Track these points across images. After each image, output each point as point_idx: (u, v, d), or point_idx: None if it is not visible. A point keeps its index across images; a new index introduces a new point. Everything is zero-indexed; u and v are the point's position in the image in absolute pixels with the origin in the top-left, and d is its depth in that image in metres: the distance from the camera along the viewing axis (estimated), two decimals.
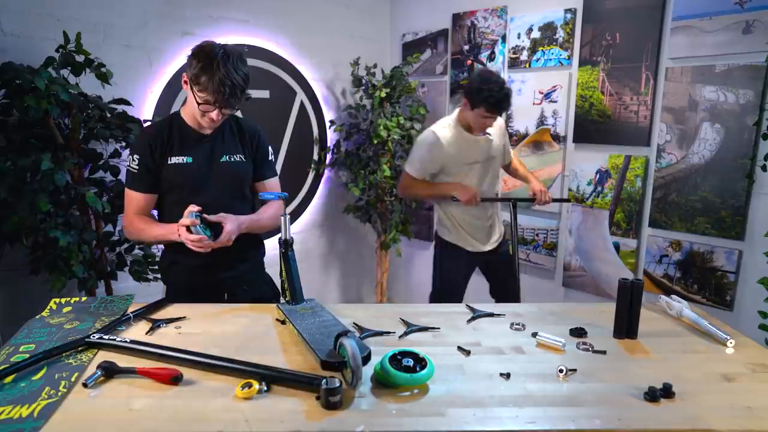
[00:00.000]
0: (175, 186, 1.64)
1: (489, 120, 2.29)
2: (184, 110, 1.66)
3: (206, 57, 1.47)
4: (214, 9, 2.73)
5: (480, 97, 2.18)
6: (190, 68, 1.50)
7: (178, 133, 1.63)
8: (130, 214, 1.66)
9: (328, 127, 3.42)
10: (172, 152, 1.62)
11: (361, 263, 3.89)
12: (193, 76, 1.48)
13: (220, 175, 1.66)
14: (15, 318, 1.55)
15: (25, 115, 1.90)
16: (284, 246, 1.48)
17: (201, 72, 1.46)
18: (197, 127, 1.64)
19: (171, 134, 1.63)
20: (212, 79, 1.46)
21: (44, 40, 2.18)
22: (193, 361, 1.13)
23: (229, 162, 1.67)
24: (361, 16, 3.49)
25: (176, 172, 1.62)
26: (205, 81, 1.46)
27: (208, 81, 1.46)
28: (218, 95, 1.48)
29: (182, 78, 1.56)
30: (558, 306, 1.56)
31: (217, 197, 1.63)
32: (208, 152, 1.65)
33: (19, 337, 1.28)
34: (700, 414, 0.98)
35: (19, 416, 0.95)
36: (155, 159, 1.61)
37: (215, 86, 1.46)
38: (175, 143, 1.63)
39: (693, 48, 2.33)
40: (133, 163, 1.61)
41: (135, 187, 1.64)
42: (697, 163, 2.38)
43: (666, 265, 2.54)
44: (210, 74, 1.46)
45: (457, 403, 1.01)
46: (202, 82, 1.47)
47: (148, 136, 1.63)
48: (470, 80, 2.29)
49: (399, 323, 1.40)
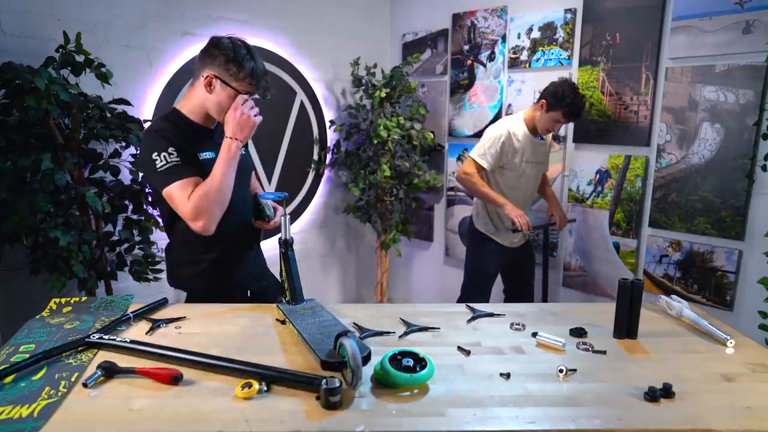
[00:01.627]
0: None
1: (558, 125, 2.46)
2: (185, 106, 1.58)
3: (239, 47, 1.49)
4: (214, 9, 2.73)
5: (562, 102, 2.34)
6: (222, 67, 1.48)
7: (191, 131, 1.57)
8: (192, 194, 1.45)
9: (328, 127, 3.42)
10: (197, 147, 1.55)
11: (361, 263, 3.89)
12: (234, 68, 1.47)
13: (238, 169, 1.65)
14: (15, 318, 1.55)
15: (25, 115, 1.90)
16: (284, 246, 1.48)
17: (243, 61, 1.48)
18: (202, 122, 1.59)
19: (183, 131, 1.55)
20: (257, 73, 1.50)
21: (44, 40, 2.18)
22: (193, 361, 1.13)
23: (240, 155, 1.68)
24: (361, 16, 3.49)
25: (207, 170, 1.52)
26: (248, 69, 1.48)
27: (253, 69, 1.49)
28: (261, 81, 1.52)
29: (203, 78, 1.49)
30: (558, 306, 1.56)
31: (239, 191, 1.63)
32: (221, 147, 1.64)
33: (19, 337, 1.28)
34: (700, 414, 0.98)
35: (19, 416, 0.95)
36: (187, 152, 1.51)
37: (259, 73, 1.51)
38: (194, 140, 1.56)
39: (693, 48, 2.33)
40: (171, 156, 1.45)
41: (186, 173, 1.46)
42: (697, 163, 2.38)
43: (666, 265, 2.54)
44: (254, 69, 1.49)
45: (457, 403, 1.01)
46: (246, 71, 1.48)
47: (171, 131, 1.51)
48: (555, 85, 2.40)
49: (399, 323, 1.40)
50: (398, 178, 3.33)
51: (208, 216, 1.46)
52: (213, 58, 1.49)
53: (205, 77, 1.50)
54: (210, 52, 1.50)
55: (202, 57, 1.52)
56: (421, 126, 3.25)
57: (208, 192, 1.45)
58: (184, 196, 1.45)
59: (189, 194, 1.45)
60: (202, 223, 1.46)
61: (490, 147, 2.48)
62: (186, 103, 1.59)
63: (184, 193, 1.45)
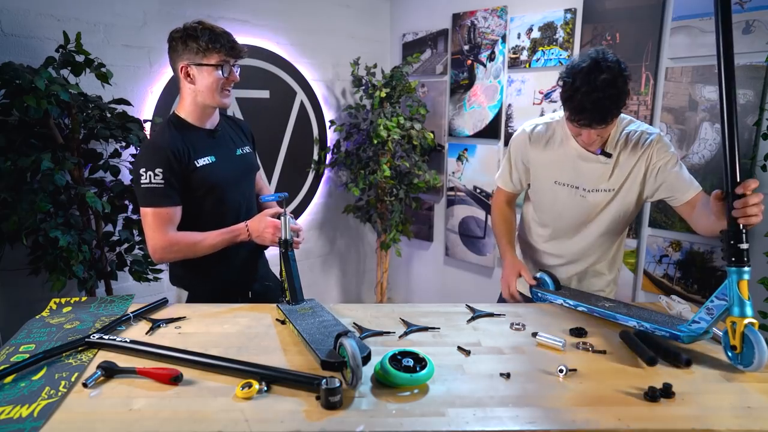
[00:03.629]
0: (207, 189, 1.58)
1: (579, 131, 1.53)
2: (183, 110, 1.60)
3: (190, 27, 1.52)
4: (214, 9, 2.73)
5: (564, 95, 1.49)
6: (188, 52, 1.51)
7: (191, 135, 1.58)
8: (165, 234, 1.50)
9: (328, 127, 3.42)
10: (196, 154, 1.55)
11: (361, 263, 3.89)
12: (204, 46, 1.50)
13: (240, 170, 1.68)
14: (15, 318, 1.55)
15: (25, 115, 1.90)
16: (284, 246, 1.48)
17: (208, 40, 1.49)
18: (201, 123, 1.61)
19: (185, 136, 1.56)
20: (219, 36, 1.51)
21: (44, 40, 2.18)
22: (193, 361, 1.13)
23: (244, 154, 1.71)
24: (361, 17, 3.49)
25: (205, 175, 1.56)
26: (212, 40, 1.50)
27: (215, 38, 1.50)
28: (230, 43, 1.53)
29: (181, 71, 1.54)
30: (558, 306, 1.56)
31: (245, 192, 1.66)
32: (225, 149, 1.65)
33: (19, 337, 1.28)
34: (700, 414, 0.98)
35: (19, 416, 0.95)
36: (182, 166, 1.52)
37: (224, 39, 1.51)
38: (195, 145, 1.56)
39: (693, 48, 2.33)
40: (156, 177, 1.47)
41: (164, 202, 1.49)
42: (697, 163, 2.38)
43: (666, 265, 2.54)
44: (215, 34, 1.51)
45: (457, 403, 1.01)
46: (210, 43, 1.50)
47: (164, 144, 1.51)
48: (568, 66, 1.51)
49: (399, 323, 1.40)
50: (398, 178, 3.33)
51: (167, 260, 1.58)
52: (176, 51, 1.54)
53: (181, 71, 1.54)
54: (172, 47, 1.55)
55: (170, 56, 1.56)
56: (421, 126, 3.25)
57: (186, 249, 1.53)
58: (157, 226, 1.50)
59: (162, 227, 1.50)
60: (158, 260, 1.56)
61: (504, 158, 1.84)
62: (182, 107, 1.61)
63: (157, 223, 1.50)
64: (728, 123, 1.18)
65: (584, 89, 1.41)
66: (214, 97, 1.55)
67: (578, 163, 1.64)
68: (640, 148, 1.58)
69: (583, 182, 1.65)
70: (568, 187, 1.67)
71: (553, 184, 1.69)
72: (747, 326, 1.12)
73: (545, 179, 1.71)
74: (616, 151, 1.60)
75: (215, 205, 1.61)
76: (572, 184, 1.66)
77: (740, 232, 1.18)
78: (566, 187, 1.67)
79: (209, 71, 1.52)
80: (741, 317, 1.13)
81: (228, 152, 1.66)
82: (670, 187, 1.57)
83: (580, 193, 1.66)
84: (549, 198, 1.72)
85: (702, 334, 1.23)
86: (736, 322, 1.14)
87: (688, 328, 1.25)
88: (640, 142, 1.59)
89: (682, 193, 1.55)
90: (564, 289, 1.62)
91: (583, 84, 1.41)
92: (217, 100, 1.56)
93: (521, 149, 1.74)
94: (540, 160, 1.71)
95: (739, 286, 1.15)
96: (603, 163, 1.61)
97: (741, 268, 1.16)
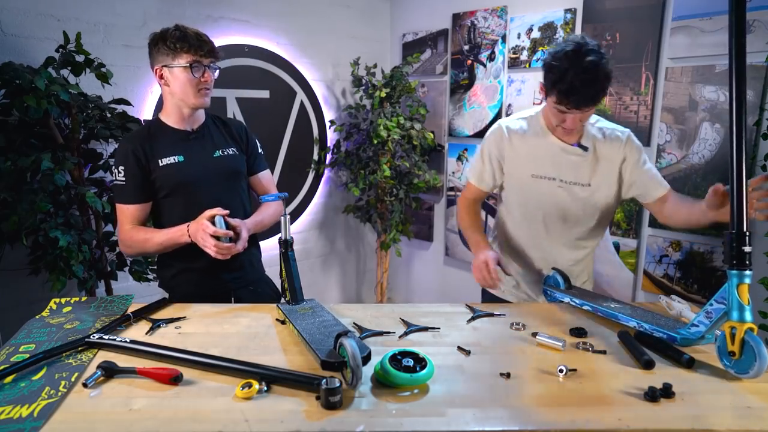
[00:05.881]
0: (172, 188, 1.61)
1: (564, 117, 1.53)
2: (164, 113, 1.64)
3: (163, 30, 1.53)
4: (214, 9, 2.73)
5: (549, 76, 1.49)
6: (160, 54, 1.53)
7: (162, 135, 1.62)
8: (125, 228, 1.60)
9: (328, 127, 3.42)
10: (160, 154, 1.59)
11: (361, 263, 3.89)
12: (172, 47, 1.51)
13: (216, 171, 1.65)
14: (15, 318, 1.55)
15: (25, 115, 1.90)
16: (284, 246, 1.48)
17: (176, 40, 1.51)
18: (179, 125, 1.64)
19: (154, 137, 1.60)
20: (187, 36, 1.52)
21: (44, 40, 2.18)
22: (193, 361, 1.13)
23: (224, 156, 1.68)
24: (361, 17, 3.49)
25: (170, 173, 1.59)
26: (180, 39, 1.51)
27: (184, 38, 1.51)
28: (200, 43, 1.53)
29: (156, 74, 1.57)
30: (558, 306, 1.56)
31: (216, 194, 1.63)
32: (198, 149, 1.65)
33: (19, 337, 1.28)
34: (700, 414, 0.98)
35: (19, 416, 0.95)
36: (141, 166, 1.57)
37: (192, 39, 1.52)
38: (161, 145, 1.60)
39: (693, 48, 2.33)
40: (119, 175, 1.57)
41: (125, 199, 1.59)
42: (697, 163, 2.38)
43: (666, 265, 2.54)
44: (183, 34, 1.52)
45: (457, 403, 1.01)
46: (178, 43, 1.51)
47: (128, 144, 1.59)
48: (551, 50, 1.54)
49: (399, 323, 1.40)
50: (398, 178, 3.33)
51: (129, 254, 1.71)
52: (151, 54, 1.57)
53: (156, 74, 1.56)
54: (149, 51, 1.57)
55: (149, 60, 1.58)
56: (421, 126, 3.25)
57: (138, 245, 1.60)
58: (120, 221, 1.61)
59: (125, 222, 1.60)
60: (124, 253, 1.69)
61: (476, 152, 1.82)
62: (163, 111, 1.65)
63: (120, 218, 1.61)
64: (737, 124, 1.18)
65: (573, 71, 1.42)
66: (189, 98, 1.57)
67: (557, 156, 1.65)
68: (614, 145, 1.63)
69: (562, 174, 1.66)
70: (547, 180, 1.67)
71: (530, 177, 1.69)
72: (747, 332, 1.09)
73: (522, 174, 1.71)
74: (592, 146, 1.64)
75: (186, 206, 1.60)
76: (551, 176, 1.66)
77: (745, 234, 1.14)
78: (545, 180, 1.67)
79: (180, 72, 1.53)
80: (741, 322, 1.10)
81: (202, 153, 1.64)
82: (642, 185, 1.63)
83: (558, 184, 1.66)
84: (526, 193, 1.72)
85: (699, 338, 1.22)
86: (735, 327, 1.11)
87: (687, 331, 1.24)
88: (613, 139, 1.64)
89: (654, 189, 1.61)
90: (575, 289, 1.63)
91: (572, 66, 1.43)
92: (193, 101, 1.58)
93: (497, 144, 1.74)
94: (516, 155, 1.71)
95: (738, 290, 1.11)
96: (581, 156, 1.64)
97: (742, 271, 1.12)
